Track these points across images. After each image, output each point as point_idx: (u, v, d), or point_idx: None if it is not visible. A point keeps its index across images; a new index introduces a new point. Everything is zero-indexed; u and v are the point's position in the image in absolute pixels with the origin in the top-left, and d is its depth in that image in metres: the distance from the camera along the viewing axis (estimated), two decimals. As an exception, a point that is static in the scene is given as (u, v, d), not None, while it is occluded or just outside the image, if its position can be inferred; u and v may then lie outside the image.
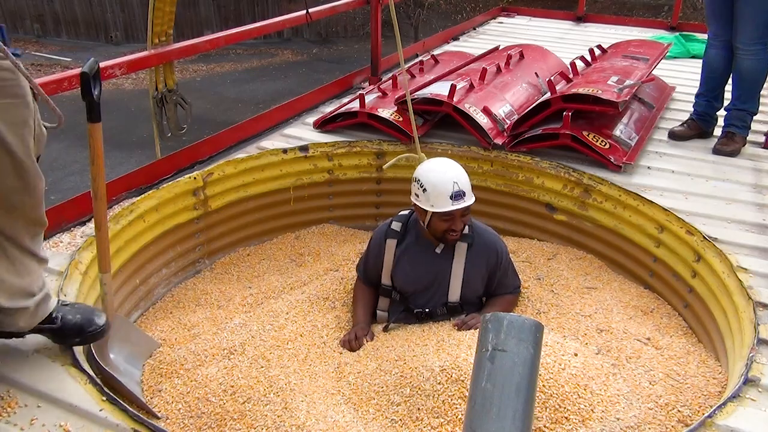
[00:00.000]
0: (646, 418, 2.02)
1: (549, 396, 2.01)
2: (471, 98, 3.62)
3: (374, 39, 4.70)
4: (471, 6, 15.15)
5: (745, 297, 2.30)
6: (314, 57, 13.80)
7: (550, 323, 2.62)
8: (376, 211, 3.67)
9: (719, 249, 2.56)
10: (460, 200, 2.43)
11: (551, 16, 7.43)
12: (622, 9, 14.20)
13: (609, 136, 3.38)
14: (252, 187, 3.32)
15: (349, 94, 4.42)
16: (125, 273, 2.68)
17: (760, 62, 3.40)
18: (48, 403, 1.75)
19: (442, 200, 2.43)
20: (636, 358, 2.36)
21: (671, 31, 6.44)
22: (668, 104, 4.25)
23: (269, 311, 2.71)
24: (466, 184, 2.48)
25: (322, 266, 3.15)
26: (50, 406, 1.74)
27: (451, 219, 2.47)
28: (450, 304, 2.63)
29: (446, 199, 2.43)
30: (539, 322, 1.80)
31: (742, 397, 1.83)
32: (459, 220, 2.49)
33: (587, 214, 3.18)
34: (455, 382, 2.09)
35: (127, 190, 2.93)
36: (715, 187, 3.12)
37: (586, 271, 3.05)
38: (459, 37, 6.31)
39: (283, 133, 3.74)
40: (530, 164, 3.34)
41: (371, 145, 3.57)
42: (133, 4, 13.80)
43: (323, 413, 2.07)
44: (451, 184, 2.42)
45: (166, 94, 3.28)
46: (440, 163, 2.56)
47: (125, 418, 1.70)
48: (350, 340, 2.52)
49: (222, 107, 9.92)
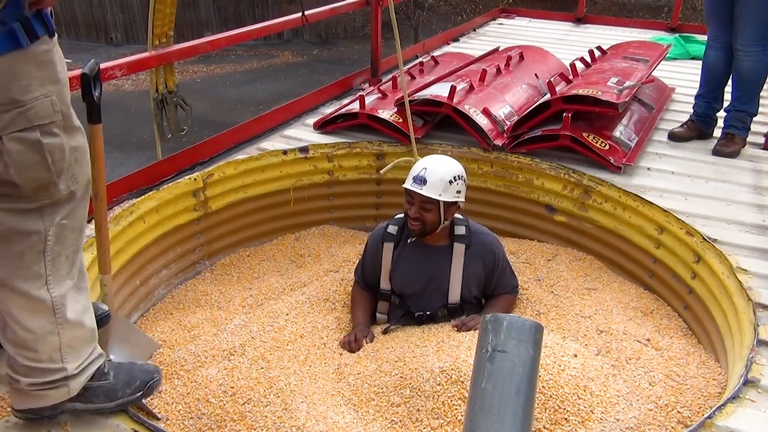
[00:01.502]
0: (646, 419, 2.02)
1: (549, 397, 2.01)
2: (471, 99, 3.62)
3: (374, 40, 4.70)
4: (471, 7, 15.14)
5: (744, 298, 2.30)
6: (314, 58, 13.80)
7: (550, 324, 2.62)
8: (376, 212, 3.67)
9: (719, 250, 2.56)
10: (417, 185, 2.50)
11: (551, 18, 7.43)
12: (621, 10, 14.20)
13: (609, 137, 3.39)
14: (252, 188, 3.32)
15: (349, 95, 4.42)
16: (125, 274, 2.68)
17: (759, 63, 3.40)
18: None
19: (409, 177, 2.57)
20: (636, 359, 2.36)
21: (671, 33, 6.45)
22: (668, 105, 4.25)
23: (269, 312, 2.71)
24: (436, 178, 2.49)
25: (322, 267, 3.15)
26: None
27: (411, 202, 2.55)
28: (450, 305, 2.63)
29: (410, 178, 2.55)
30: (539, 323, 1.80)
31: (742, 398, 1.84)
32: (415, 208, 2.53)
33: (587, 215, 3.18)
34: (455, 383, 2.09)
35: (128, 191, 2.93)
36: (715, 188, 3.12)
37: (586, 272, 3.05)
38: (459, 38, 6.31)
39: (283, 134, 3.74)
40: (530, 165, 3.34)
41: (371, 147, 3.57)
42: (134, 6, 13.80)
43: (323, 414, 2.07)
44: (421, 168, 2.53)
45: (167, 96, 3.28)
46: (439, 156, 2.73)
47: (125, 418, 1.70)
48: (350, 341, 2.52)
49: (222, 108, 9.91)
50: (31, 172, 1.36)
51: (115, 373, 1.70)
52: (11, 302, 1.44)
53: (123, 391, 1.70)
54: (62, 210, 1.44)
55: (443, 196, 2.49)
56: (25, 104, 1.33)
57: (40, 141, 1.35)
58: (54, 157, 1.39)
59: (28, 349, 1.48)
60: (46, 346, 1.49)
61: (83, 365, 1.58)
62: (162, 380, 1.74)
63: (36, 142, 1.35)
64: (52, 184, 1.40)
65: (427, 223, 2.55)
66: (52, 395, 1.55)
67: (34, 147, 1.35)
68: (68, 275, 1.49)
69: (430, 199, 2.49)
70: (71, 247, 1.49)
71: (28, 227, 1.40)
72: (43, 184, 1.39)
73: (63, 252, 1.46)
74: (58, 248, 1.44)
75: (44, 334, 1.47)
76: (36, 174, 1.37)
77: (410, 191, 2.53)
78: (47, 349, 1.49)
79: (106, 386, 1.66)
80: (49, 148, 1.38)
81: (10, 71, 1.30)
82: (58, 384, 1.54)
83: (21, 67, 1.32)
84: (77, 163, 1.46)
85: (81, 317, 1.53)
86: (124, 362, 1.78)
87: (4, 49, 1.29)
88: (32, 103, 1.33)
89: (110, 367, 1.70)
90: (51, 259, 1.43)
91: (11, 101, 1.31)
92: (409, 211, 2.56)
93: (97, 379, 1.64)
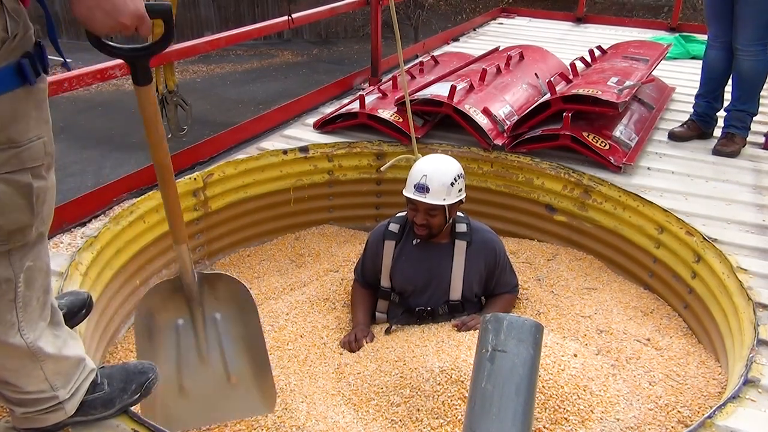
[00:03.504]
0: (646, 418, 2.02)
1: (548, 397, 2.02)
2: (471, 99, 3.62)
3: (374, 40, 4.70)
4: (471, 7, 15.14)
5: (744, 298, 2.30)
6: (314, 58, 13.79)
7: (550, 324, 2.63)
8: (376, 211, 3.67)
9: (719, 250, 2.56)
10: (420, 193, 2.48)
11: (551, 17, 7.43)
12: (621, 10, 14.20)
13: (609, 137, 3.39)
14: (252, 187, 3.32)
15: (349, 95, 4.42)
16: (125, 274, 2.68)
17: (759, 63, 3.40)
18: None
19: (409, 185, 2.54)
20: (636, 358, 2.36)
21: (671, 32, 6.45)
22: (668, 105, 4.25)
23: (269, 312, 2.72)
24: (438, 184, 2.47)
25: (322, 267, 3.15)
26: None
27: (415, 210, 2.53)
28: (451, 302, 2.63)
29: (411, 185, 2.52)
30: (539, 322, 1.80)
31: (742, 397, 1.83)
32: (421, 215, 2.52)
33: (587, 214, 3.18)
34: (455, 383, 2.09)
35: (128, 191, 2.93)
36: (715, 187, 3.12)
37: (586, 272, 3.05)
38: (459, 38, 6.31)
39: (283, 134, 3.74)
40: (530, 165, 3.34)
41: (371, 146, 3.57)
42: (134, 5, 13.80)
43: (323, 414, 2.07)
44: (421, 175, 2.49)
45: (167, 95, 3.28)
46: (434, 156, 2.69)
47: (125, 418, 1.69)
48: (350, 341, 2.52)
49: (222, 108, 9.90)
50: (13, 214, 1.28)
51: (110, 381, 1.67)
52: None
53: (120, 398, 1.67)
54: (30, 253, 1.37)
55: (447, 199, 2.49)
56: (21, 145, 1.26)
57: (31, 184, 1.29)
58: (38, 200, 1.32)
59: (13, 385, 1.46)
60: (31, 380, 1.46)
61: (74, 387, 1.56)
62: (159, 377, 1.72)
63: (27, 185, 1.28)
64: (29, 227, 1.33)
65: (434, 227, 2.55)
66: (50, 418, 1.54)
67: (24, 190, 1.28)
68: (40, 317, 1.43)
69: (436, 206, 2.49)
70: (41, 289, 1.42)
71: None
72: (21, 227, 1.31)
73: (33, 296, 1.39)
74: (29, 293, 1.38)
75: (27, 371, 1.44)
76: (18, 217, 1.29)
77: (414, 201, 2.51)
78: (33, 382, 1.47)
79: (103, 397, 1.64)
80: (37, 192, 1.31)
81: (11, 109, 1.23)
82: (54, 408, 1.53)
83: (22, 105, 1.26)
84: (46, 204, 1.38)
85: (61, 351, 1.49)
86: (116, 366, 1.73)
87: (12, 86, 1.23)
88: (27, 144, 1.27)
89: (103, 375, 1.67)
90: (22, 306, 1.37)
91: (8, 140, 1.24)
92: (414, 219, 2.54)
93: (92, 392, 1.62)
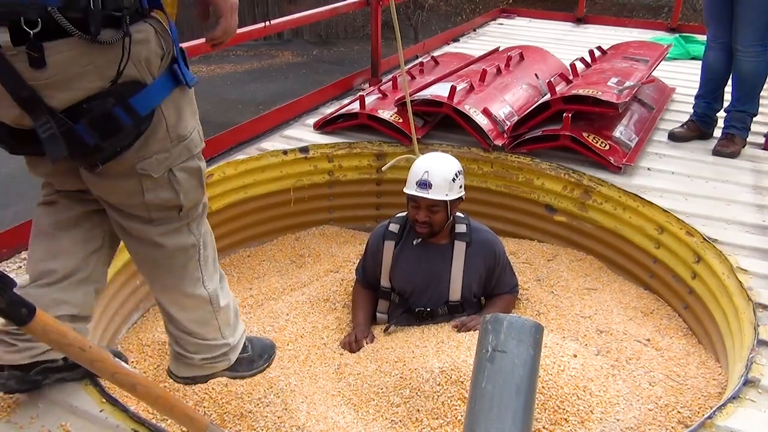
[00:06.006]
0: (646, 419, 2.02)
1: (548, 397, 2.02)
2: (471, 99, 3.62)
3: (374, 40, 4.70)
4: (471, 7, 15.14)
5: (744, 298, 2.30)
6: (314, 58, 13.80)
7: (550, 324, 2.63)
8: (376, 212, 3.67)
9: (719, 250, 2.56)
10: (423, 190, 2.49)
11: (551, 18, 7.43)
12: (621, 10, 14.21)
13: (609, 137, 3.39)
14: (252, 188, 3.32)
15: (349, 95, 4.42)
16: (125, 274, 2.68)
17: (759, 64, 3.40)
18: (48, 403, 1.75)
19: (410, 183, 2.55)
20: (636, 359, 2.36)
21: (671, 33, 6.44)
22: (668, 105, 4.25)
23: (269, 312, 2.72)
24: (440, 179, 2.49)
25: (322, 267, 3.15)
26: (51, 406, 1.74)
27: (417, 207, 2.54)
28: (451, 303, 2.63)
29: (413, 183, 2.53)
30: (539, 323, 1.80)
31: (742, 398, 1.84)
32: (423, 212, 2.52)
33: (587, 215, 3.18)
34: (455, 383, 2.09)
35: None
36: (715, 188, 3.12)
37: (586, 273, 3.05)
38: (459, 38, 6.31)
39: (283, 134, 3.74)
40: (530, 165, 3.34)
41: (371, 147, 3.57)
42: (134, 6, 13.80)
43: (323, 414, 2.08)
44: (423, 171, 2.51)
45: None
46: (434, 154, 2.72)
47: (125, 418, 1.70)
48: (351, 341, 2.52)
49: (222, 108, 9.90)
50: (193, 194, 1.59)
51: (252, 345, 1.94)
52: (180, 302, 1.70)
53: (258, 362, 1.95)
54: (202, 221, 1.68)
55: (449, 195, 2.50)
56: (186, 137, 1.53)
57: (200, 167, 1.59)
58: (204, 179, 1.64)
59: (197, 334, 1.74)
60: (209, 329, 1.75)
61: (239, 337, 1.85)
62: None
63: (198, 168, 1.58)
64: (201, 201, 1.66)
65: (436, 225, 2.56)
66: (218, 366, 1.81)
67: (196, 173, 1.58)
68: (215, 271, 1.76)
69: (438, 202, 2.49)
70: (212, 248, 1.75)
71: (186, 243, 1.64)
72: (197, 203, 1.63)
73: (210, 255, 1.73)
74: (206, 252, 1.71)
75: (207, 320, 1.74)
76: (196, 195, 1.61)
77: (416, 197, 2.52)
78: (211, 331, 1.76)
79: (248, 357, 1.91)
80: (203, 172, 1.62)
81: (174, 109, 1.48)
82: (224, 356, 1.80)
83: (181, 103, 1.50)
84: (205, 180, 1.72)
85: (228, 301, 1.79)
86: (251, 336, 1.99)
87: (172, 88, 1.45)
88: (190, 135, 1.54)
89: (247, 339, 1.93)
90: (204, 264, 1.70)
91: (178, 137, 1.50)
92: (416, 216, 2.55)
93: (242, 351, 1.88)
